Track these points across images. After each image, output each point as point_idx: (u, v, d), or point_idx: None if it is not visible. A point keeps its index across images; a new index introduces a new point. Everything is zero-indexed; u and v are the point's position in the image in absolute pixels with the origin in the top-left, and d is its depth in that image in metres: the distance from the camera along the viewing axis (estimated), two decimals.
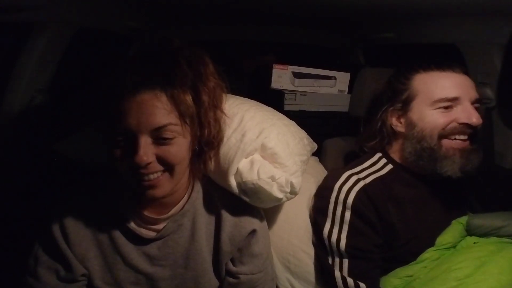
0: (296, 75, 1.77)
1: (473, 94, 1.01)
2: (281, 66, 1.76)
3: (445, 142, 1.01)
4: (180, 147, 0.80)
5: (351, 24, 1.85)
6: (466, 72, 1.05)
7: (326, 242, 1.01)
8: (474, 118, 0.98)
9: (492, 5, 1.11)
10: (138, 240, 0.89)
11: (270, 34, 2.09)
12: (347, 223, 1.00)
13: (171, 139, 0.78)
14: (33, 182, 1.26)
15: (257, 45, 2.37)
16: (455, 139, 1.01)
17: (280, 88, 1.76)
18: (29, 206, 1.17)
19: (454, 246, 0.99)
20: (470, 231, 1.00)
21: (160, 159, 0.79)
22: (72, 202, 0.91)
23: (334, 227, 1.01)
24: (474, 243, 0.97)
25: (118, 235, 0.89)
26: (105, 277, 0.89)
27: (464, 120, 0.99)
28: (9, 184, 1.24)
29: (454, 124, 1.00)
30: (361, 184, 1.03)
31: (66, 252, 0.86)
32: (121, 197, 0.90)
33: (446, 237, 0.99)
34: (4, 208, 1.21)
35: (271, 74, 1.77)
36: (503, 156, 1.38)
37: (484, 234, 0.98)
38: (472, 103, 1.01)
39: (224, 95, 0.90)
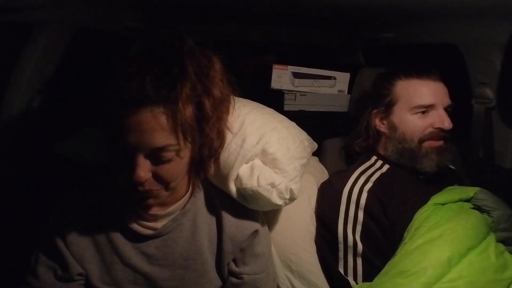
0: (296, 75, 1.76)
1: (446, 100, 1.14)
2: (281, 66, 1.75)
3: (425, 144, 1.13)
4: (177, 165, 0.79)
5: (351, 24, 1.85)
6: (442, 78, 1.16)
7: (341, 245, 1.03)
8: (446, 123, 1.12)
9: (492, 5, 1.12)
10: (136, 238, 0.89)
11: (270, 34, 2.08)
12: (361, 224, 1.02)
13: (170, 159, 0.77)
14: (33, 182, 1.26)
15: (257, 45, 2.37)
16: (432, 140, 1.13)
17: (280, 88, 1.75)
18: (29, 206, 1.17)
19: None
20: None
21: (157, 176, 0.78)
22: (70, 202, 0.91)
23: (348, 228, 1.03)
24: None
25: (115, 234, 0.89)
26: (103, 277, 0.89)
27: (438, 124, 1.12)
28: (9, 184, 1.24)
29: (430, 129, 1.13)
30: (369, 184, 1.08)
31: (63, 251, 0.86)
32: (120, 195, 0.89)
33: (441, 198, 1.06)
34: (4, 208, 1.21)
35: (271, 74, 1.76)
36: (503, 156, 1.38)
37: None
38: (445, 108, 1.14)
39: (231, 106, 0.88)
